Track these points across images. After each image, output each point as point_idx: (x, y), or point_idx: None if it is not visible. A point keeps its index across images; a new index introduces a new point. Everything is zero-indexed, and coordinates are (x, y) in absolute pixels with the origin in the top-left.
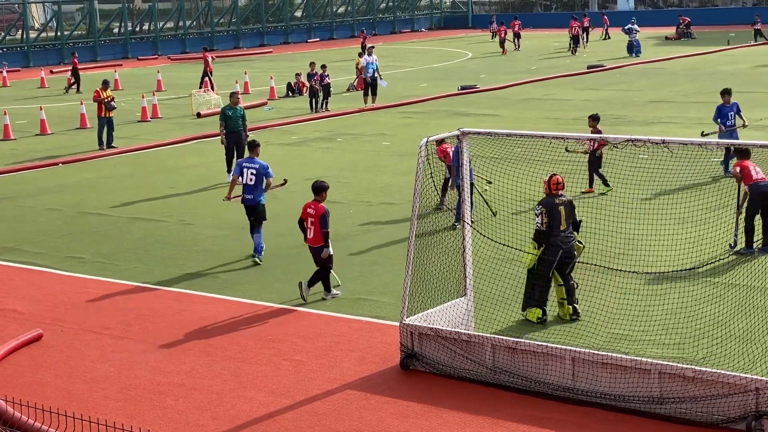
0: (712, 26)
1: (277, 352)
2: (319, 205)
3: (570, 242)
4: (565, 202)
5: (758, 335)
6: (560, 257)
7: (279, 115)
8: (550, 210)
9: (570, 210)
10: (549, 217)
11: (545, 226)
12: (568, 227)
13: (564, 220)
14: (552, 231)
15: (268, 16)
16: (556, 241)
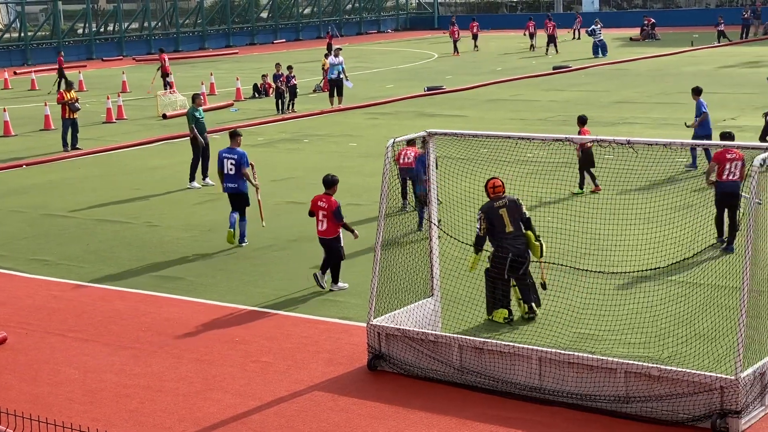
0: (676, 27)
1: (244, 353)
2: (331, 198)
3: (519, 244)
4: (507, 204)
5: (722, 334)
6: (511, 260)
7: (245, 116)
8: (490, 215)
9: (514, 211)
10: (489, 223)
11: (483, 231)
12: (517, 230)
13: (508, 223)
14: (494, 236)
15: (233, 17)
16: (503, 244)
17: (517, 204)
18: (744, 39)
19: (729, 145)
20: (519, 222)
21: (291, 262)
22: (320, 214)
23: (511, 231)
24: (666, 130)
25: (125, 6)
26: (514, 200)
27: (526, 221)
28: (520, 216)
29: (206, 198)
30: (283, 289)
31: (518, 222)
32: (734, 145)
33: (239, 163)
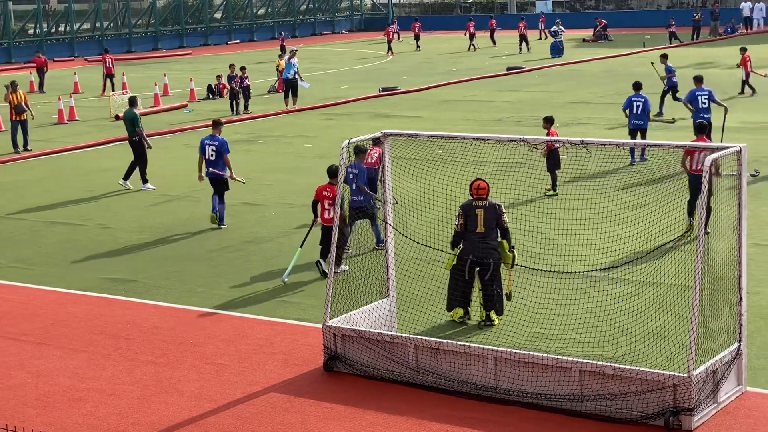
0: (628, 29)
1: (199, 356)
2: (335, 187)
3: (485, 247)
4: (485, 206)
5: (675, 332)
6: (471, 260)
7: (199, 117)
8: (467, 213)
9: (490, 215)
10: (465, 219)
11: (459, 227)
12: (488, 232)
13: (481, 224)
14: (466, 234)
15: (187, 18)
16: (469, 244)
17: (497, 210)
18: (695, 40)
19: (681, 145)
20: (494, 227)
21: (246, 263)
22: (326, 203)
23: (481, 232)
24: (619, 131)
25: (76, 6)
26: (496, 205)
27: (504, 230)
28: (497, 221)
29: (160, 200)
30: (239, 291)
31: (492, 227)
32: (687, 145)
33: (220, 150)
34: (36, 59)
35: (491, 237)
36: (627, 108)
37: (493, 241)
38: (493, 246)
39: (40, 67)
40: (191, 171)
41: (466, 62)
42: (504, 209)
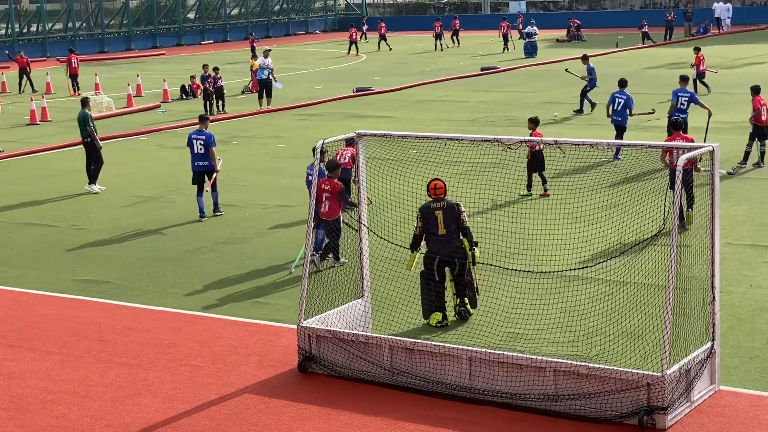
0: (601, 29)
1: (173, 357)
2: (335, 181)
3: (449, 248)
4: (444, 207)
5: (649, 331)
6: (438, 262)
7: (173, 117)
8: (426, 214)
9: (450, 215)
10: (424, 222)
11: (419, 230)
12: (450, 233)
13: (441, 225)
14: (428, 236)
15: (160, 18)
16: (433, 246)
17: (455, 209)
18: (667, 40)
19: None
20: (454, 226)
21: (220, 264)
22: (324, 197)
23: (443, 234)
24: (593, 130)
25: (48, 6)
26: (454, 204)
27: (464, 229)
28: (457, 221)
29: (134, 201)
30: (213, 292)
31: (453, 226)
32: (661, 145)
33: (207, 143)
34: (18, 59)
35: (454, 237)
36: (610, 104)
37: (457, 240)
38: (458, 245)
39: (22, 68)
40: (165, 172)
41: (440, 62)
42: (463, 208)
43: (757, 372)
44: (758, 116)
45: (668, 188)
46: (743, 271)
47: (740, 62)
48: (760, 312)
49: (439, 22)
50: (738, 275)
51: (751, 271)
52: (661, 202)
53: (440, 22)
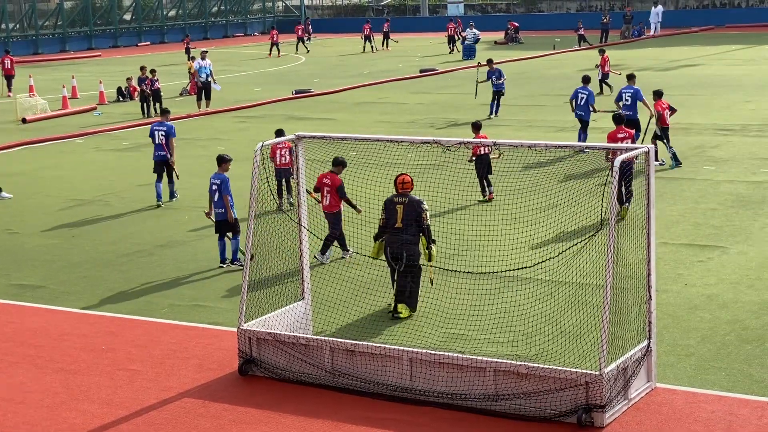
0: (538, 31)
1: (110, 362)
2: (336, 176)
3: (402, 242)
4: (405, 202)
5: (587, 331)
6: (389, 253)
7: (109, 120)
8: (388, 207)
9: (410, 211)
10: (386, 213)
11: (381, 221)
12: (406, 227)
13: (399, 219)
14: (387, 229)
15: (95, 19)
16: (388, 237)
17: (417, 206)
18: (603, 43)
19: (592, 146)
20: (413, 222)
21: (158, 267)
22: (325, 190)
23: (400, 227)
24: (531, 132)
25: None
26: (417, 201)
27: (424, 227)
28: (417, 217)
29: (70, 204)
30: (151, 296)
31: (411, 222)
32: (593, 146)
33: (168, 134)
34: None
35: (409, 232)
36: (573, 99)
37: (411, 236)
38: (409, 241)
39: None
40: (101, 175)
41: (379, 64)
42: (426, 206)
43: (693, 369)
44: (662, 118)
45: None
46: (678, 270)
47: (674, 64)
48: (694, 310)
49: (368, 24)
50: (673, 274)
51: (686, 270)
52: (599, 203)
53: (369, 24)
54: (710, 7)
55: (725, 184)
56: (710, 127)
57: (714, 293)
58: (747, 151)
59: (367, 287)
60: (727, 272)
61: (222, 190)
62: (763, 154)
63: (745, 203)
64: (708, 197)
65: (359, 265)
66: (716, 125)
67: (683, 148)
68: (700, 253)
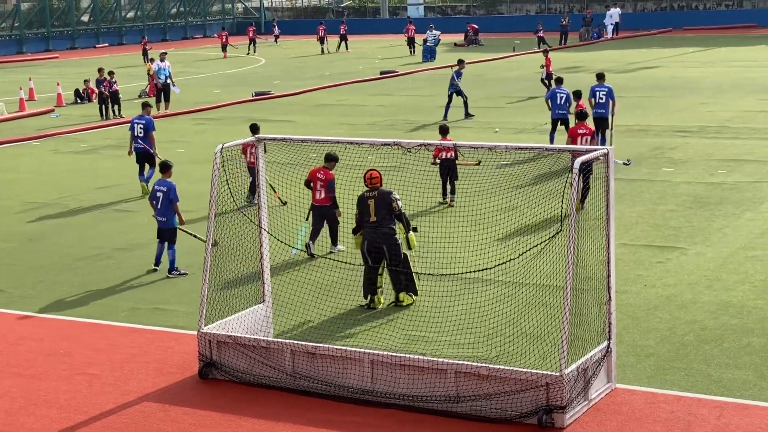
0: (498, 33)
1: (69, 366)
2: (329, 171)
3: (378, 235)
4: (375, 196)
5: (547, 332)
6: (366, 247)
7: (67, 122)
8: (360, 203)
9: (381, 204)
10: (359, 209)
11: (356, 217)
12: (380, 220)
13: (373, 213)
14: (362, 224)
15: (53, 21)
16: (365, 232)
17: (387, 197)
18: (563, 45)
19: (552, 148)
20: (386, 214)
21: (118, 270)
22: (318, 184)
23: (374, 221)
24: (490, 133)
25: None
26: (386, 193)
27: (398, 215)
28: (389, 208)
29: (28, 207)
30: (110, 299)
31: (384, 213)
32: (552, 148)
33: (147, 128)
34: None
35: (384, 224)
36: (550, 98)
37: (387, 228)
38: (387, 233)
39: None
40: (59, 177)
41: (339, 66)
42: (396, 196)
43: (652, 369)
44: None
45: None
46: (637, 271)
47: (633, 66)
48: (653, 311)
49: (322, 25)
50: (632, 275)
51: (645, 271)
52: (559, 205)
53: (324, 26)
54: (668, 10)
55: (683, 185)
56: (668, 128)
57: (673, 294)
58: (705, 152)
59: (328, 289)
60: (685, 273)
61: (172, 197)
62: (720, 156)
63: (703, 204)
64: (667, 198)
65: (320, 268)
66: (674, 127)
67: (642, 149)
68: (659, 254)
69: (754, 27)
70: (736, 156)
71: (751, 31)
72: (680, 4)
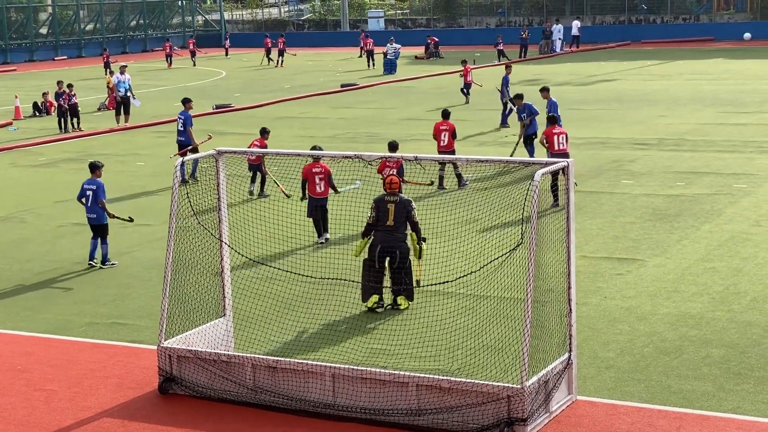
0: (458, 46)
1: (26, 382)
2: (325, 165)
3: (392, 239)
4: (396, 201)
5: (509, 344)
6: (380, 251)
7: (25, 135)
8: (379, 205)
9: (400, 210)
10: (377, 212)
11: (371, 219)
12: (397, 226)
13: (392, 218)
14: (377, 226)
15: (11, 33)
16: (378, 235)
17: (407, 205)
18: (523, 58)
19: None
20: (403, 221)
21: (76, 285)
22: (317, 178)
23: (391, 225)
24: (459, 146)
25: None
26: (407, 201)
27: (413, 224)
28: (407, 216)
29: None
30: (68, 315)
31: (402, 220)
32: (513, 160)
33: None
34: None
35: (400, 230)
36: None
37: (402, 233)
38: (401, 238)
39: None
40: (17, 191)
41: (300, 79)
42: (414, 205)
43: (612, 381)
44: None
45: None
46: (598, 283)
47: (592, 79)
48: (614, 323)
49: (267, 38)
50: (593, 287)
51: (605, 283)
52: (520, 217)
53: (269, 39)
54: (626, 23)
55: (642, 197)
56: (627, 141)
57: (632, 306)
58: (663, 165)
59: (290, 303)
60: (645, 285)
61: (99, 195)
62: (678, 168)
63: (662, 216)
64: (626, 211)
65: (281, 281)
66: (633, 139)
67: (601, 162)
68: (619, 266)
69: (711, 40)
70: (695, 168)
71: (708, 45)
72: (638, 18)
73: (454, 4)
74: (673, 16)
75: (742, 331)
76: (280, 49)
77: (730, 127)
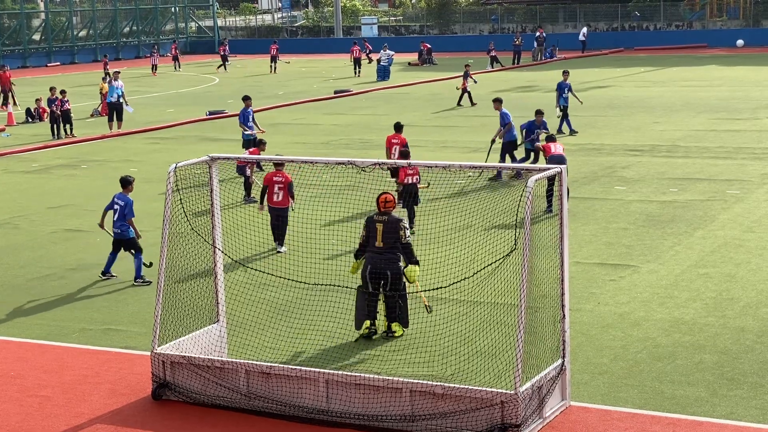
0: (452, 53)
1: (20, 388)
2: (286, 174)
3: (382, 260)
4: (385, 221)
5: (502, 350)
6: (370, 273)
7: (18, 141)
8: (369, 225)
9: (389, 230)
10: (367, 232)
11: (362, 239)
12: (387, 247)
13: (380, 238)
14: (367, 247)
15: (4, 39)
16: (368, 256)
17: (397, 225)
18: (516, 65)
19: (507, 167)
20: (393, 241)
21: (70, 291)
22: (276, 187)
23: (380, 246)
24: (445, 153)
25: None
26: (396, 220)
27: (403, 246)
28: (396, 236)
29: None
30: (62, 320)
31: (391, 240)
32: (507, 166)
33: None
34: None
35: (390, 250)
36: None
37: (393, 254)
38: (392, 259)
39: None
40: (11, 197)
41: (294, 86)
42: (405, 224)
43: (606, 387)
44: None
45: None
46: (591, 289)
47: (585, 86)
48: (607, 329)
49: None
50: (586, 293)
51: (598, 289)
52: (513, 223)
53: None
54: (619, 30)
55: (636, 203)
56: (621, 147)
57: (626, 311)
58: (656, 171)
59: (283, 309)
60: (638, 291)
61: (127, 213)
62: (672, 174)
63: (656, 222)
64: (619, 217)
65: (275, 287)
66: (626, 146)
67: (595, 168)
68: (612, 272)
69: (704, 47)
70: (688, 175)
71: (701, 51)
72: (631, 25)
73: (447, 10)
74: (666, 23)
75: (735, 336)
76: (273, 55)
77: (723, 133)
